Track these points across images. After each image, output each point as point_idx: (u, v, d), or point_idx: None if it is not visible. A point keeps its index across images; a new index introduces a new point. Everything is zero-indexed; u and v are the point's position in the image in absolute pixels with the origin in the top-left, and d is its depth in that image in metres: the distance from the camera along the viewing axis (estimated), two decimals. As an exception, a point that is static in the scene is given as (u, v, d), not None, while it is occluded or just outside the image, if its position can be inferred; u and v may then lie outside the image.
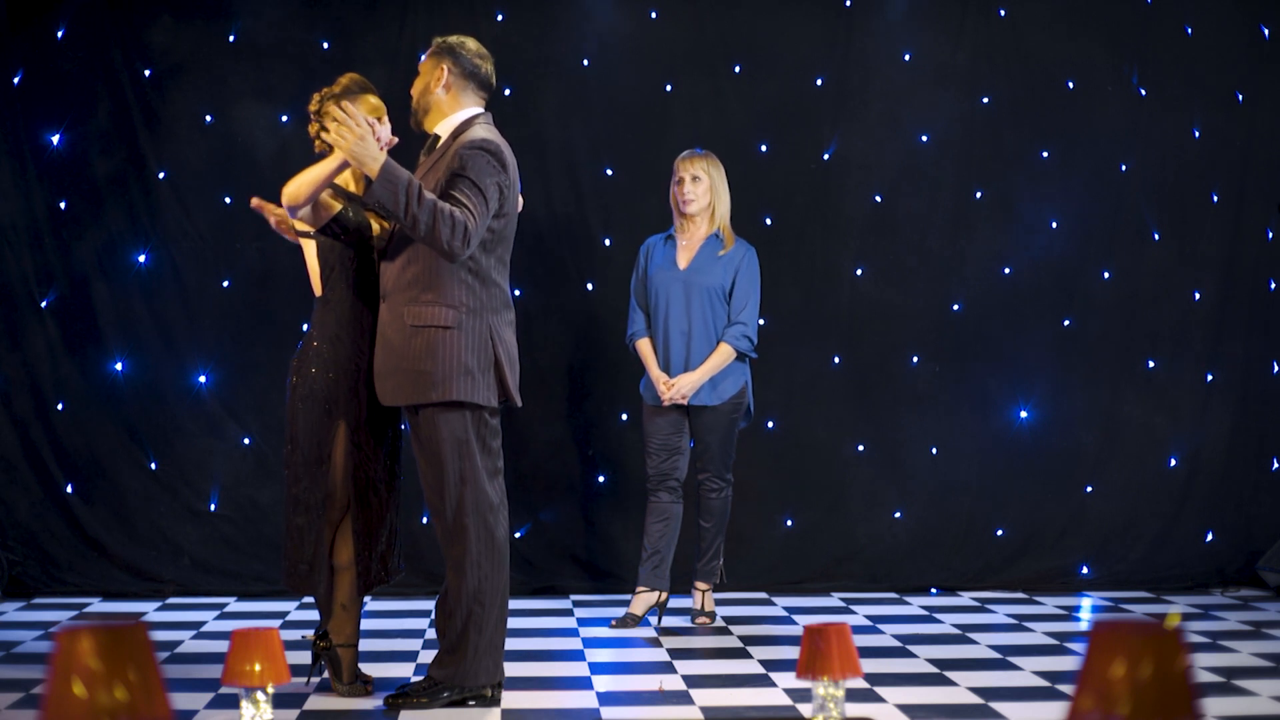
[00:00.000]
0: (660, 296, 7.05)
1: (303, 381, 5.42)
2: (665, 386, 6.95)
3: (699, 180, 7.00)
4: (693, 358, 6.99)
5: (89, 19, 7.92)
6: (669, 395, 6.94)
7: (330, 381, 5.40)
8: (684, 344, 6.99)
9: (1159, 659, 2.28)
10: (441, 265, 5.22)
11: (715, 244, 7.06)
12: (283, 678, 3.62)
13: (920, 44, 8.30)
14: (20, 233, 7.92)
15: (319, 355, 5.42)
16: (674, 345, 7.01)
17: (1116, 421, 8.36)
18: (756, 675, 5.93)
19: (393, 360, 5.28)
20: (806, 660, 3.69)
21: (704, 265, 7.03)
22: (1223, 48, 8.39)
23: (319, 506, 5.37)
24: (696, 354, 6.99)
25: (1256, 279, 8.44)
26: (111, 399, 7.96)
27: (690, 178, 6.99)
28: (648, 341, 7.09)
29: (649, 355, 7.06)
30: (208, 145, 8.04)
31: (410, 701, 5.29)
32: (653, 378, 7.03)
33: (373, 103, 5.55)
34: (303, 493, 5.39)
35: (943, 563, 8.18)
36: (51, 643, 2.48)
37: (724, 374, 7.01)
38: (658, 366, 7.03)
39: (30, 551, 7.87)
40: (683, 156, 7.06)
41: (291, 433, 5.43)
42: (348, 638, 5.50)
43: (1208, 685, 5.68)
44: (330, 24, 8.07)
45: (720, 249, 7.05)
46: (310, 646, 5.58)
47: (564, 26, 8.17)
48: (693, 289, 7.00)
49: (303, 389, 5.41)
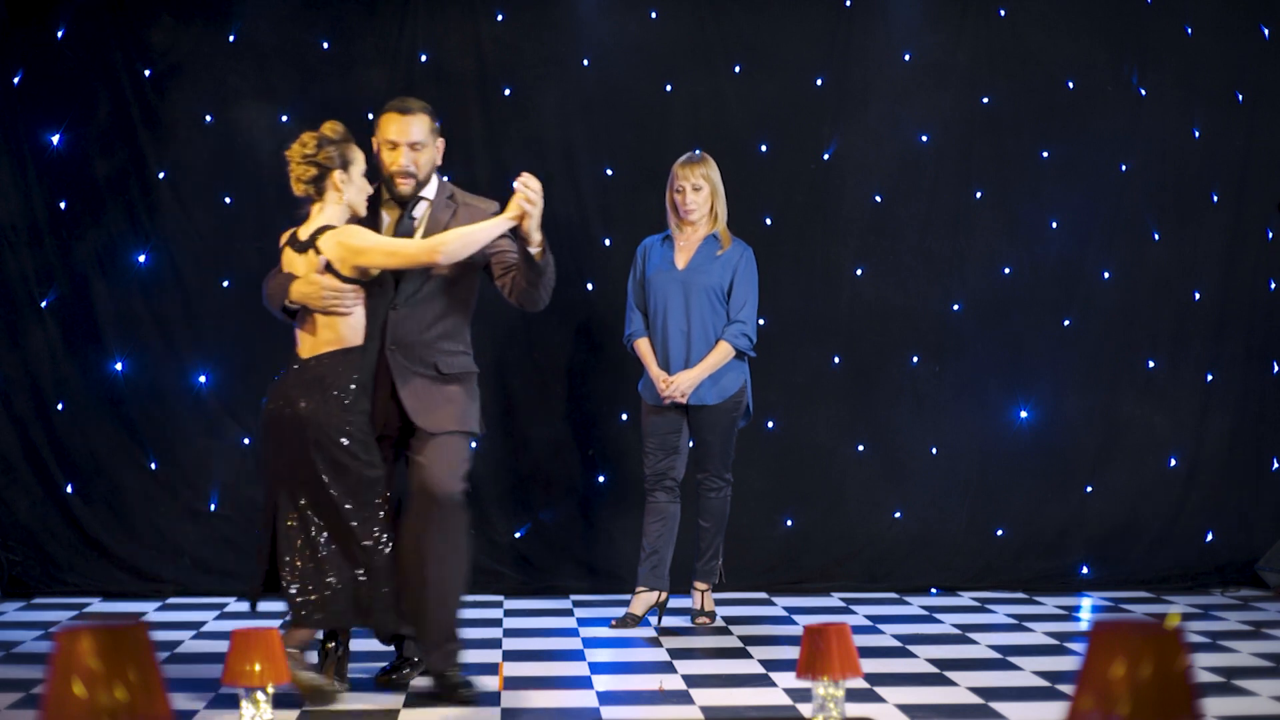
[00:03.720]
0: (659, 297, 7.04)
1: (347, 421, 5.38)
2: (664, 384, 6.95)
3: (700, 189, 6.99)
4: (692, 357, 6.98)
5: (89, 19, 7.92)
6: (667, 392, 6.94)
7: (369, 424, 5.45)
8: (684, 344, 6.99)
9: (1159, 659, 2.28)
10: (462, 321, 5.66)
11: (713, 244, 7.05)
12: (283, 678, 3.62)
13: (920, 44, 8.30)
14: (20, 233, 7.91)
15: (358, 400, 5.41)
16: (673, 345, 7.00)
17: (1116, 421, 8.36)
18: (756, 675, 5.93)
19: (435, 397, 5.56)
20: (806, 660, 3.69)
21: (702, 265, 7.03)
22: (1223, 48, 8.39)
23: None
24: (696, 354, 6.98)
25: (1256, 279, 8.44)
26: (111, 399, 7.96)
27: (691, 188, 6.98)
28: (646, 341, 7.08)
29: (648, 354, 7.06)
30: (208, 145, 8.04)
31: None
32: (652, 376, 7.03)
33: (360, 154, 5.55)
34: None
35: (943, 563, 8.18)
36: (51, 643, 2.48)
37: (724, 372, 7.01)
38: (657, 366, 7.04)
39: (30, 551, 7.87)
40: (681, 163, 7.03)
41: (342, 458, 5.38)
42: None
43: (1208, 685, 5.68)
44: (330, 24, 8.07)
45: (718, 249, 7.05)
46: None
47: (564, 26, 8.17)
48: (691, 289, 7.00)
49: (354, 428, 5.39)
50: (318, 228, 5.41)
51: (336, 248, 5.36)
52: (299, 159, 5.43)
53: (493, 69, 8.12)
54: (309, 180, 5.44)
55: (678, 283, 7.02)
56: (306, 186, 5.45)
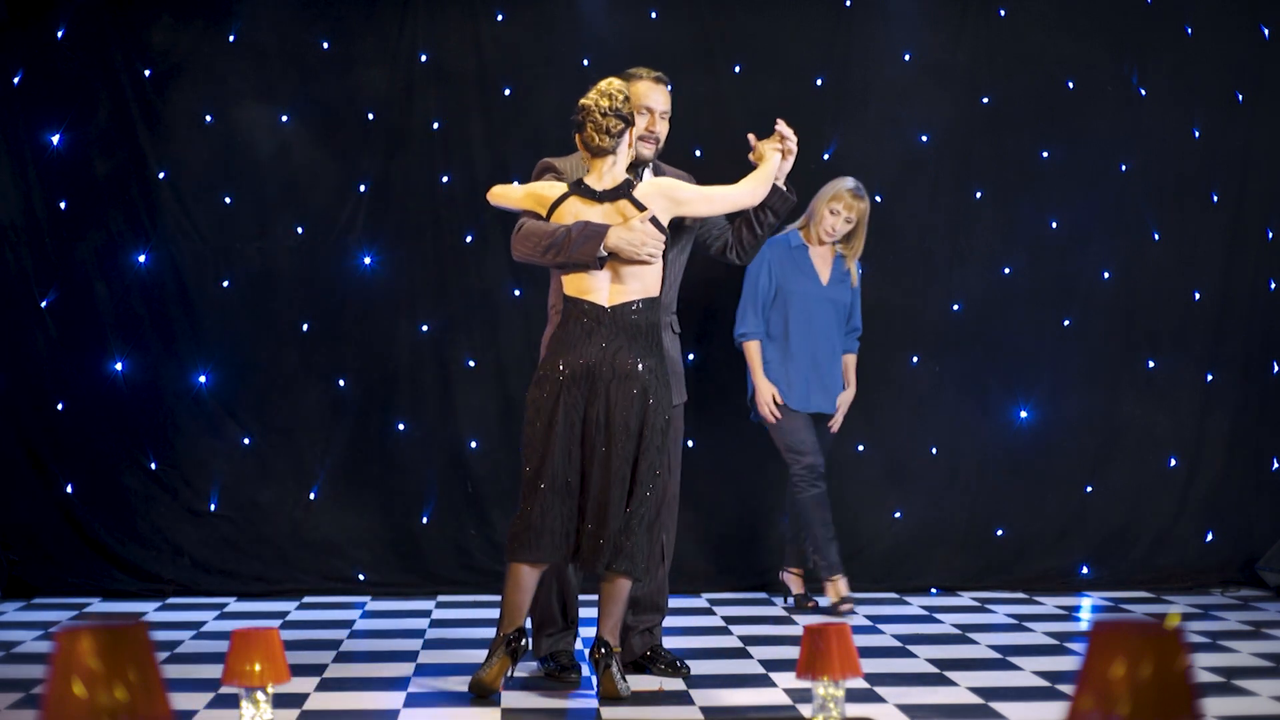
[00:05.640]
0: (798, 308, 7.39)
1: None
2: (769, 407, 7.34)
3: (850, 224, 7.36)
4: (827, 370, 7.45)
5: (89, 19, 7.92)
6: (770, 413, 7.35)
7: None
8: (813, 358, 7.42)
9: (1159, 659, 2.28)
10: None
11: (840, 261, 7.47)
12: (283, 677, 3.62)
13: (920, 44, 8.30)
14: (20, 233, 7.91)
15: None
16: (806, 358, 7.40)
17: (1116, 421, 8.36)
18: (756, 675, 5.93)
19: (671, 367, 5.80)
20: (806, 660, 3.69)
21: (841, 279, 7.47)
22: (1223, 48, 8.38)
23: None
24: (829, 367, 7.45)
25: (1256, 279, 8.44)
26: (111, 399, 7.96)
27: (844, 219, 7.33)
28: (759, 345, 7.41)
29: (757, 360, 7.38)
30: (208, 145, 8.04)
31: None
32: (758, 385, 7.37)
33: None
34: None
35: (943, 563, 8.18)
36: (51, 643, 2.48)
37: (839, 382, 7.53)
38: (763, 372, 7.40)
39: (30, 551, 7.87)
40: (847, 192, 7.30)
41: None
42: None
43: (1208, 685, 5.68)
44: (330, 24, 8.07)
45: (844, 266, 7.48)
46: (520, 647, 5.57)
47: (564, 26, 8.17)
48: (832, 305, 7.45)
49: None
50: (624, 180, 5.51)
51: (660, 199, 5.50)
52: (607, 111, 5.50)
53: (493, 69, 8.12)
54: (616, 133, 5.50)
55: (824, 299, 7.40)
56: (610, 139, 5.51)
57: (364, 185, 8.09)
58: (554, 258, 5.46)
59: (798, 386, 7.39)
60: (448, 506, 8.09)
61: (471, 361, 8.11)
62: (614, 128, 5.50)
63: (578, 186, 5.52)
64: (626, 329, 5.47)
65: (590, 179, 5.55)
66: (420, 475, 8.09)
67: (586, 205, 5.49)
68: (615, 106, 5.50)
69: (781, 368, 7.38)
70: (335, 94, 8.05)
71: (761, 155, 5.79)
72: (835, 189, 7.30)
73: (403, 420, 8.12)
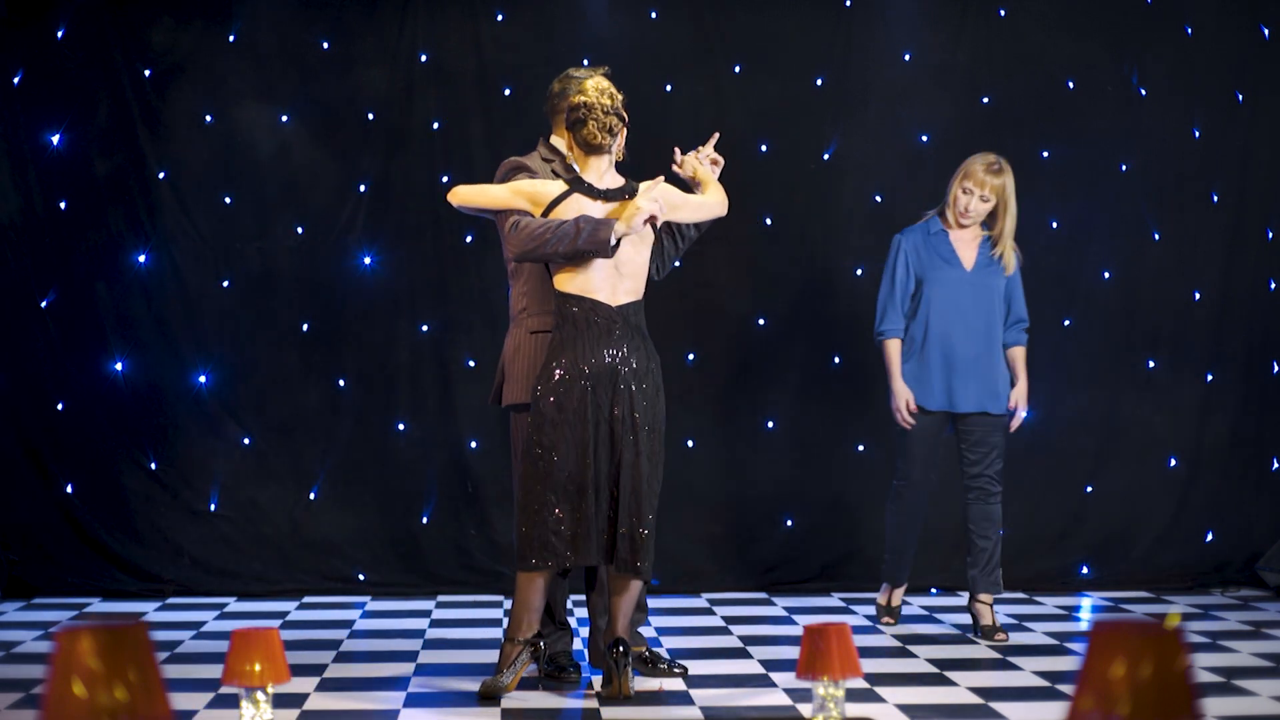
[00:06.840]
0: (940, 297, 6.77)
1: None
2: (905, 413, 6.81)
3: (987, 201, 6.70)
4: (975, 367, 6.78)
5: (89, 19, 7.92)
6: (908, 418, 6.83)
7: None
8: (955, 350, 6.79)
9: (1159, 659, 2.28)
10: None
11: (987, 244, 6.84)
12: (283, 677, 3.62)
13: (920, 44, 8.30)
14: (20, 233, 7.91)
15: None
16: (945, 350, 6.78)
17: (1116, 421, 8.36)
18: (756, 675, 5.92)
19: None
20: (806, 660, 3.69)
21: (988, 264, 6.80)
22: (1223, 48, 8.38)
23: None
24: (983, 362, 6.79)
25: (1256, 279, 8.43)
26: (111, 399, 7.96)
27: (980, 198, 6.70)
28: (899, 344, 6.86)
29: (896, 359, 6.83)
30: (208, 145, 8.04)
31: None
32: (895, 388, 6.82)
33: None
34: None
35: (943, 563, 8.17)
36: (51, 643, 2.48)
37: (1003, 377, 6.86)
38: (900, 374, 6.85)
39: (30, 551, 7.87)
40: (979, 168, 6.72)
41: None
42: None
43: (1208, 685, 5.67)
44: (330, 24, 8.07)
45: (991, 249, 6.83)
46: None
47: (564, 26, 8.17)
48: (981, 290, 6.78)
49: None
50: (625, 182, 5.53)
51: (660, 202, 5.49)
52: (610, 110, 5.50)
53: (493, 69, 8.12)
54: (614, 132, 5.52)
55: (968, 284, 6.77)
56: (610, 138, 5.52)
57: (364, 185, 8.09)
58: (565, 247, 5.39)
59: (932, 382, 6.79)
60: (448, 506, 8.09)
61: (471, 361, 8.11)
62: (615, 127, 5.51)
63: (579, 184, 5.52)
64: (635, 328, 5.51)
65: (589, 177, 5.55)
66: (420, 475, 8.08)
67: (589, 202, 5.50)
68: (616, 106, 5.52)
69: (917, 365, 6.82)
70: (335, 94, 8.05)
71: (694, 169, 5.77)
72: (967, 166, 6.73)
73: (403, 420, 8.12)
